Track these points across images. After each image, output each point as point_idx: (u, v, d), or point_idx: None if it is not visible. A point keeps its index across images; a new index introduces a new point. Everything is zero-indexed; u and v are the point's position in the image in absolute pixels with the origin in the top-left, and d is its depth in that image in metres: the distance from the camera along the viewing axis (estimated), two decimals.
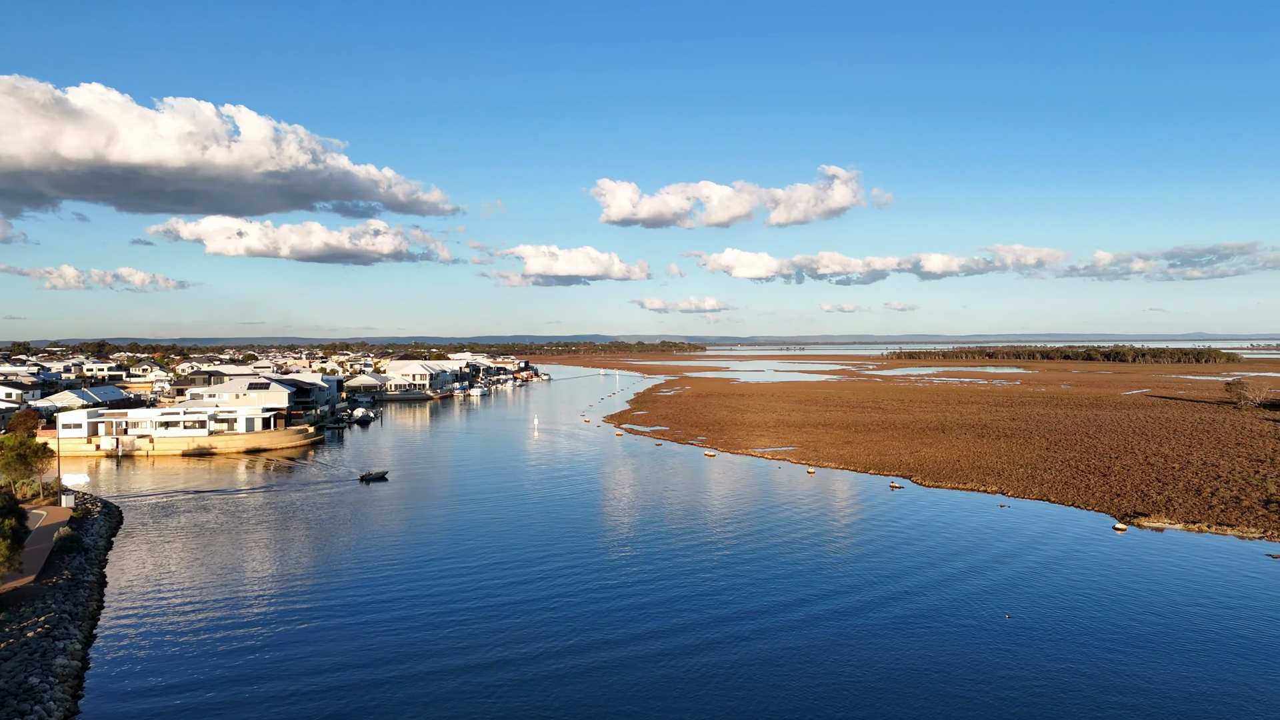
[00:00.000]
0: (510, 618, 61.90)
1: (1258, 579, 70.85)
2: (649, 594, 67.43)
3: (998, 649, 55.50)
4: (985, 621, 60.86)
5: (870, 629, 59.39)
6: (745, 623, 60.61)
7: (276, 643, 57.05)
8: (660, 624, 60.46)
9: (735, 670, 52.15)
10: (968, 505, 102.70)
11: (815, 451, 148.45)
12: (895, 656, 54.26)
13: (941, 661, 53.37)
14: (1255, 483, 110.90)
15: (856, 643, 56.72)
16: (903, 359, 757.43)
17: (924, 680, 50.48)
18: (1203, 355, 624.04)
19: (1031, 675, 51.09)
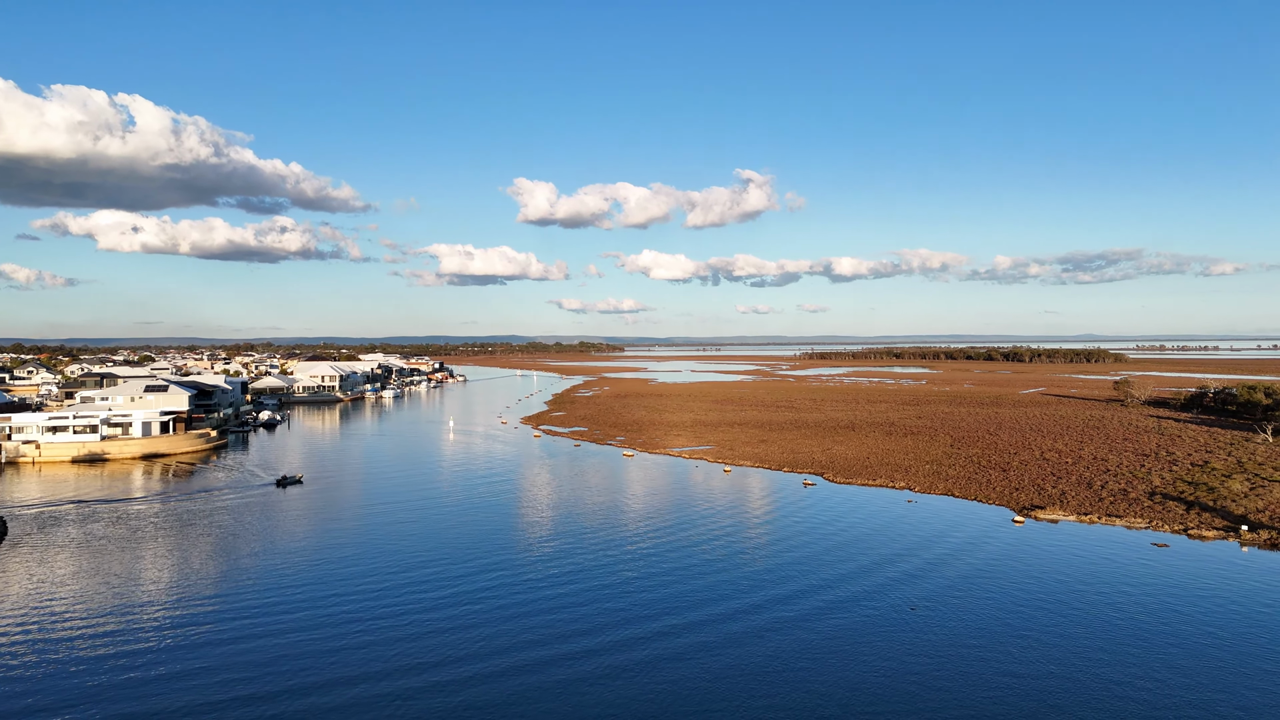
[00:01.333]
0: (432, 626, 60.72)
1: (1145, 565, 75.22)
2: (572, 597, 67.15)
3: (905, 639, 57.33)
4: (893, 613, 62.79)
5: (783, 622, 60.54)
6: (665, 620, 60.97)
7: (175, 660, 54.53)
8: (584, 625, 60.27)
9: (656, 669, 52.39)
10: (877, 501, 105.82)
11: (731, 450, 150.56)
12: (806, 649, 55.44)
13: (850, 652, 54.81)
14: (1141, 476, 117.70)
15: (769, 636, 57.73)
16: (815, 359, 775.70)
17: (833, 671, 51.74)
18: (1093, 355, 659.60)
19: (936, 663, 52.98)
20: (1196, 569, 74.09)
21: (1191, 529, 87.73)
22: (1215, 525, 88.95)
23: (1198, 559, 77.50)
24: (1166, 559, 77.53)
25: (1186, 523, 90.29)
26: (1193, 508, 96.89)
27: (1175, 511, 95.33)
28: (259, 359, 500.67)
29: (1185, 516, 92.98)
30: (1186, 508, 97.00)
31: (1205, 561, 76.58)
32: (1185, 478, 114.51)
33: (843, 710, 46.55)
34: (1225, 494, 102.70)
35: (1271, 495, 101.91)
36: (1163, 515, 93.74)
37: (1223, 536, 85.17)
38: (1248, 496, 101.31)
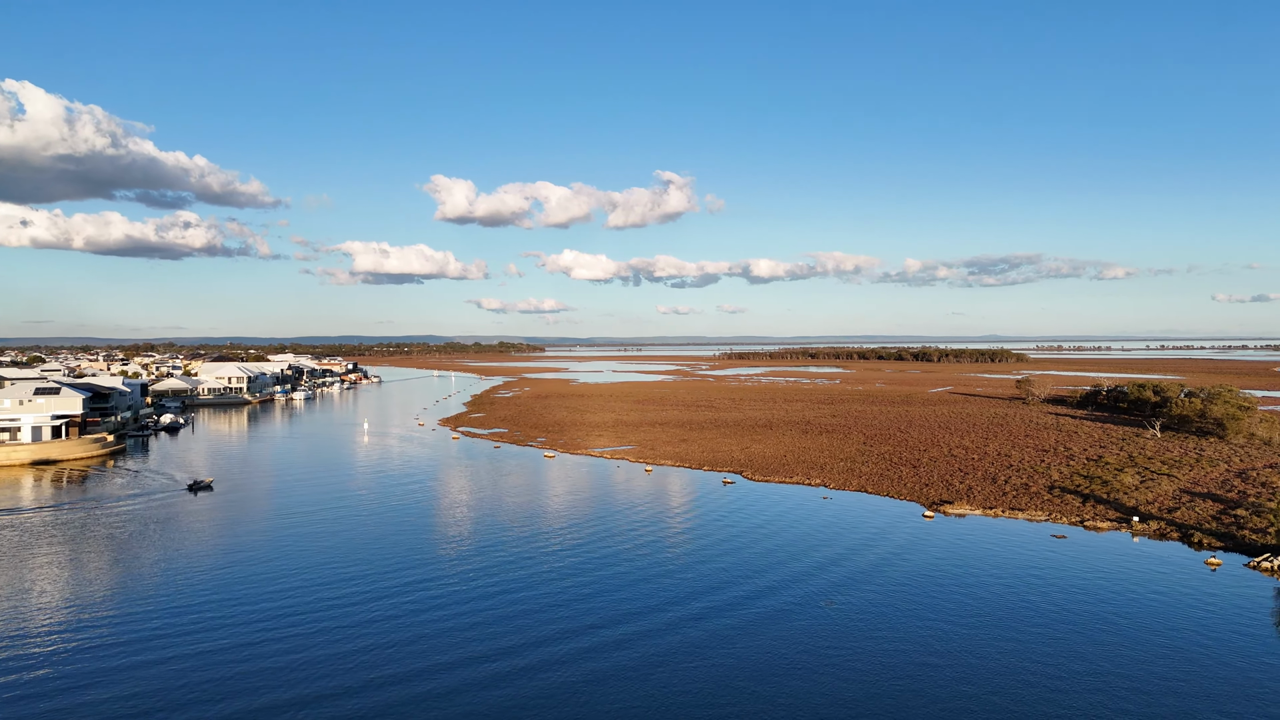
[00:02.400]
0: (353, 642, 59.11)
1: (1045, 556, 78.85)
2: (497, 606, 66.35)
3: (824, 634, 58.67)
4: (812, 608, 64.18)
5: (708, 621, 61.17)
6: (592, 626, 60.87)
7: (71, 682, 51.65)
8: (510, 636, 59.59)
9: (586, 674, 52.26)
10: (794, 498, 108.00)
11: (653, 450, 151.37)
12: (730, 647, 56.18)
13: (772, 648, 55.78)
14: (1041, 471, 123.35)
15: (694, 635, 58.26)
16: (733, 359, 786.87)
17: (756, 667, 52.59)
18: (997, 355, 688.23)
19: (853, 655, 54.40)
20: (1092, 559, 78.06)
21: (1088, 521, 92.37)
22: (1109, 517, 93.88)
23: (1093, 549, 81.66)
24: (1065, 550, 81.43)
25: (1083, 515, 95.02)
26: (1088, 500, 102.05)
27: (1072, 504, 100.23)
28: (160, 360, 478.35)
29: (1082, 509, 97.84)
30: (1083, 500, 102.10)
31: (1100, 551, 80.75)
32: (1081, 472, 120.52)
33: (767, 704, 47.33)
34: (1118, 487, 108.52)
35: (1160, 488, 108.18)
36: (1061, 508, 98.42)
37: (1116, 527, 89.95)
38: (1138, 489, 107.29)
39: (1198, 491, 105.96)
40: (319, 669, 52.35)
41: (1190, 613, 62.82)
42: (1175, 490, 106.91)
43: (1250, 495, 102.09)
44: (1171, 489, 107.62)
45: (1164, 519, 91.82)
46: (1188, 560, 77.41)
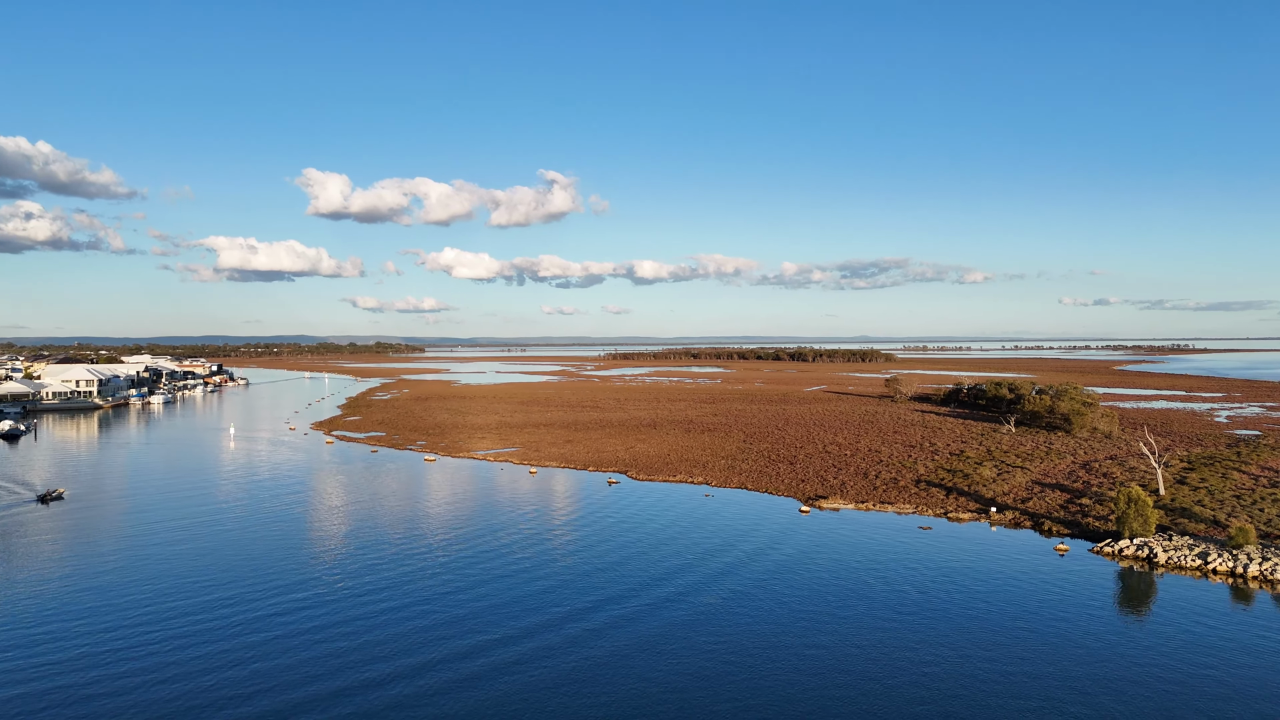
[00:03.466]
0: (223, 657, 55.84)
1: (912, 546, 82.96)
2: (376, 616, 64.13)
3: (709, 628, 59.71)
4: (695, 604, 65.22)
5: (596, 621, 61.17)
6: (478, 633, 59.78)
7: None
8: (392, 645, 57.75)
9: (471, 684, 51.24)
10: (677, 496, 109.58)
11: (537, 451, 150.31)
12: (617, 647, 56.38)
13: (659, 647, 56.34)
14: (909, 465, 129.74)
15: (584, 638, 58.15)
16: (618, 360, 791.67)
17: (644, 668, 53.00)
18: (867, 355, 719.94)
19: (736, 647, 55.62)
20: (955, 548, 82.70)
21: (950, 512, 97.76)
22: (970, 508, 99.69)
23: (955, 538, 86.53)
24: (930, 539, 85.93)
25: (946, 506, 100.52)
26: (951, 493, 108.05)
27: (937, 497, 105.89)
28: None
29: (945, 501, 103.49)
30: (946, 493, 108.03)
31: (962, 541, 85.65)
32: (945, 466, 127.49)
33: (656, 704, 47.73)
34: (978, 479, 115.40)
35: (1014, 480, 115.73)
36: (927, 500, 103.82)
37: (976, 518, 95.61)
38: (995, 481, 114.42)
39: (1048, 482, 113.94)
40: (182, 700, 49.25)
41: (1042, 596, 67.43)
42: (1028, 482, 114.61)
43: (1093, 485, 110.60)
44: (1025, 481, 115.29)
45: (1018, 509, 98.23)
46: (1039, 547, 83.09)
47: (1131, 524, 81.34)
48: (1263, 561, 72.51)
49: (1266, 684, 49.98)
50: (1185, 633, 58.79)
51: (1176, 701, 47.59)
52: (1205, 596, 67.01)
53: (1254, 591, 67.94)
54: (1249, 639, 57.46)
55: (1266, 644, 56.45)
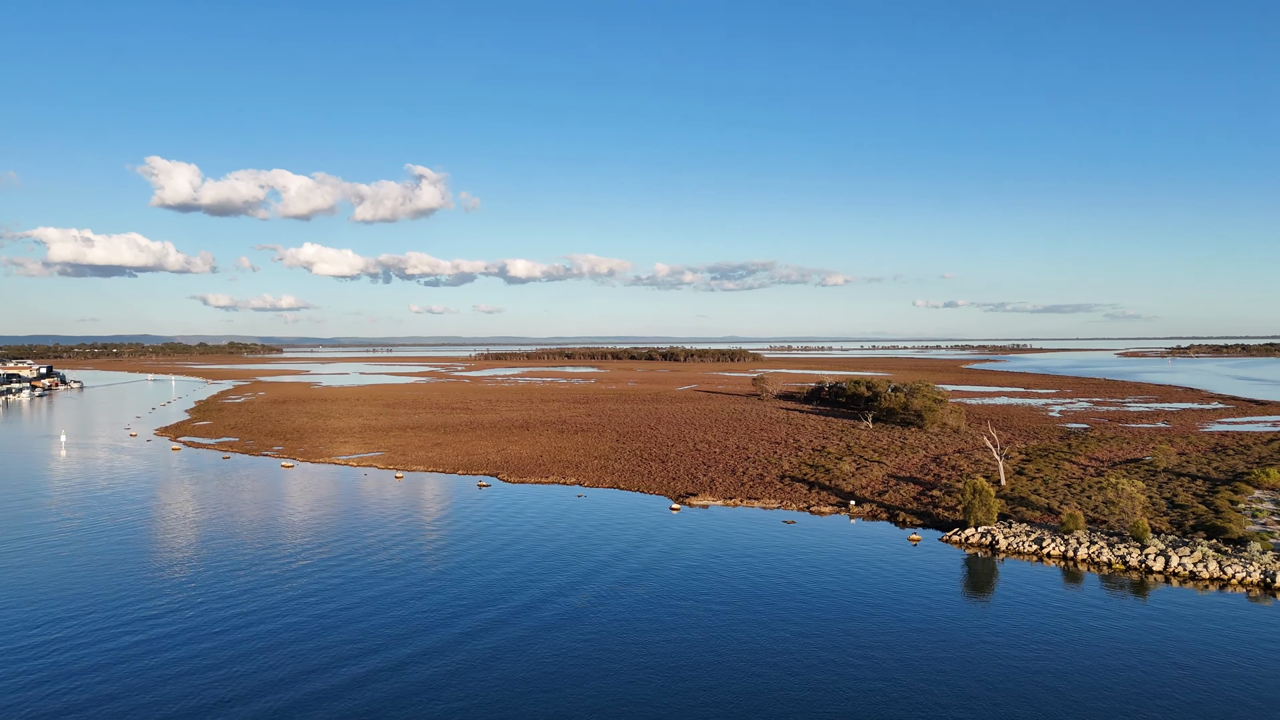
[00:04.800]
0: (61, 690, 50.84)
1: (777, 539, 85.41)
2: (234, 638, 60.14)
3: (585, 627, 59.32)
4: (565, 603, 64.71)
5: (456, 617, 59.67)
6: (346, 646, 57.09)
7: None
8: (250, 670, 54.24)
9: (342, 698, 48.77)
10: (550, 497, 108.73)
11: (404, 455, 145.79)
12: (491, 653, 55.16)
13: (531, 651, 55.51)
14: (774, 461, 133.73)
15: (454, 646, 56.59)
16: (490, 360, 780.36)
17: (515, 672, 52.07)
18: (736, 355, 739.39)
19: (613, 644, 55.49)
20: (816, 539, 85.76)
21: (813, 506, 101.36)
22: (831, 501, 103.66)
23: (817, 531, 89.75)
24: (794, 532, 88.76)
25: (809, 501, 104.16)
26: (814, 487, 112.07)
27: (800, 491, 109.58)
28: None
29: (808, 495, 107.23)
30: (809, 488, 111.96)
31: (823, 533, 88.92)
32: (808, 462, 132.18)
33: (524, 705, 46.88)
34: (838, 474, 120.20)
35: (872, 474, 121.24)
36: (791, 495, 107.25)
37: (837, 511, 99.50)
38: (855, 475, 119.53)
39: (902, 476, 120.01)
40: None
41: (896, 582, 70.82)
42: (884, 475, 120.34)
43: (943, 478, 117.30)
44: (881, 474, 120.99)
45: (876, 502, 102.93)
46: (895, 537, 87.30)
47: (976, 513, 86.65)
48: (1090, 545, 78.77)
49: (1094, 654, 54.19)
50: (1022, 613, 63.04)
51: (1017, 673, 50.87)
52: (1040, 578, 72.15)
53: (1083, 573, 73.69)
54: (1080, 616, 62.19)
55: (1095, 620, 61.26)
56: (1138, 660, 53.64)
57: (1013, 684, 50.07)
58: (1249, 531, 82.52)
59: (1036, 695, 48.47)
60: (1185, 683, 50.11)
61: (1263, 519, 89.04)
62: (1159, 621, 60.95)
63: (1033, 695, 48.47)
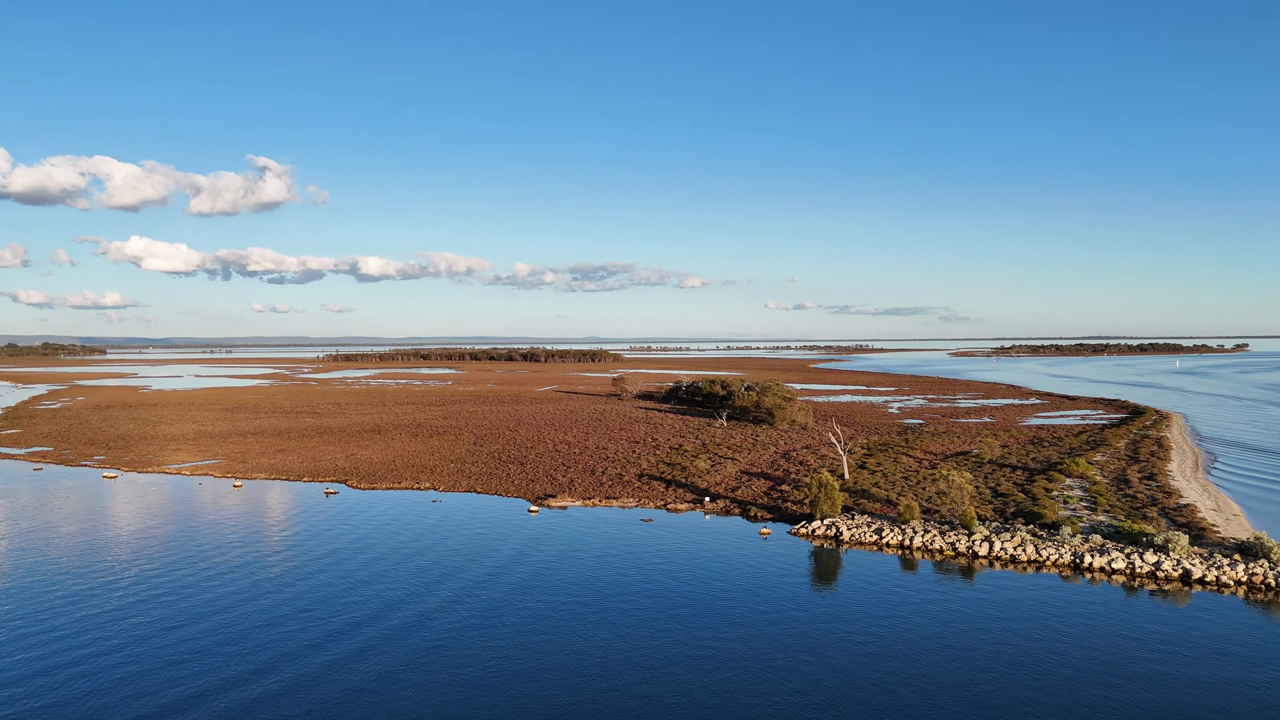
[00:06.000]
0: None
1: (634, 537, 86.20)
2: (48, 680, 54.56)
3: (442, 635, 57.65)
4: (417, 609, 62.77)
5: (298, 632, 56.73)
6: (172, 670, 52.88)
7: None
8: (74, 715, 49.34)
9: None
10: (403, 503, 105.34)
11: (244, 463, 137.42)
12: (330, 657, 52.67)
13: (370, 655, 53.44)
14: (633, 460, 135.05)
15: (291, 650, 53.65)
16: (340, 361, 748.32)
17: (349, 673, 49.97)
18: (597, 355, 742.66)
19: (460, 651, 54.22)
20: (672, 536, 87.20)
21: (670, 503, 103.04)
22: (687, 498, 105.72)
23: (673, 527, 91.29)
24: (651, 530, 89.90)
25: (666, 498, 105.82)
26: (671, 485, 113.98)
27: (658, 490, 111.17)
28: None
29: (665, 493, 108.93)
30: (666, 485, 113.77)
31: (679, 529, 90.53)
32: (666, 460, 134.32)
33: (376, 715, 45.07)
34: (694, 471, 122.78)
35: (726, 470, 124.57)
36: (649, 494, 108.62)
37: (692, 508, 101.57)
38: (710, 472, 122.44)
39: (754, 472, 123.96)
40: None
41: (748, 575, 72.99)
42: (737, 472, 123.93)
43: (792, 473, 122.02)
44: (735, 471, 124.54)
45: (729, 497, 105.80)
46: (747, 531, 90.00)
47: (822, 506, 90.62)
48: (924, 534, 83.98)
49: (929, 635, 57.74)
50: (864, 600, 66.41)
51: (863, 657, 53.49)
52: (880, 566, 76.27)
53: (918, 560, 78.45)
54: (915, 600, 66.12)
55: (929, 604, 65.29)
56: (968, 640, 57.56)
57: (859, 668, 52.60)
58: (1061, 517, 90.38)
59: (881, 679, 51.13)
60: (1007, 657, 54.20)
61: (1073, 505, 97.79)
62: (985, 602, 65.68)
63: (878, 679, 51.09)
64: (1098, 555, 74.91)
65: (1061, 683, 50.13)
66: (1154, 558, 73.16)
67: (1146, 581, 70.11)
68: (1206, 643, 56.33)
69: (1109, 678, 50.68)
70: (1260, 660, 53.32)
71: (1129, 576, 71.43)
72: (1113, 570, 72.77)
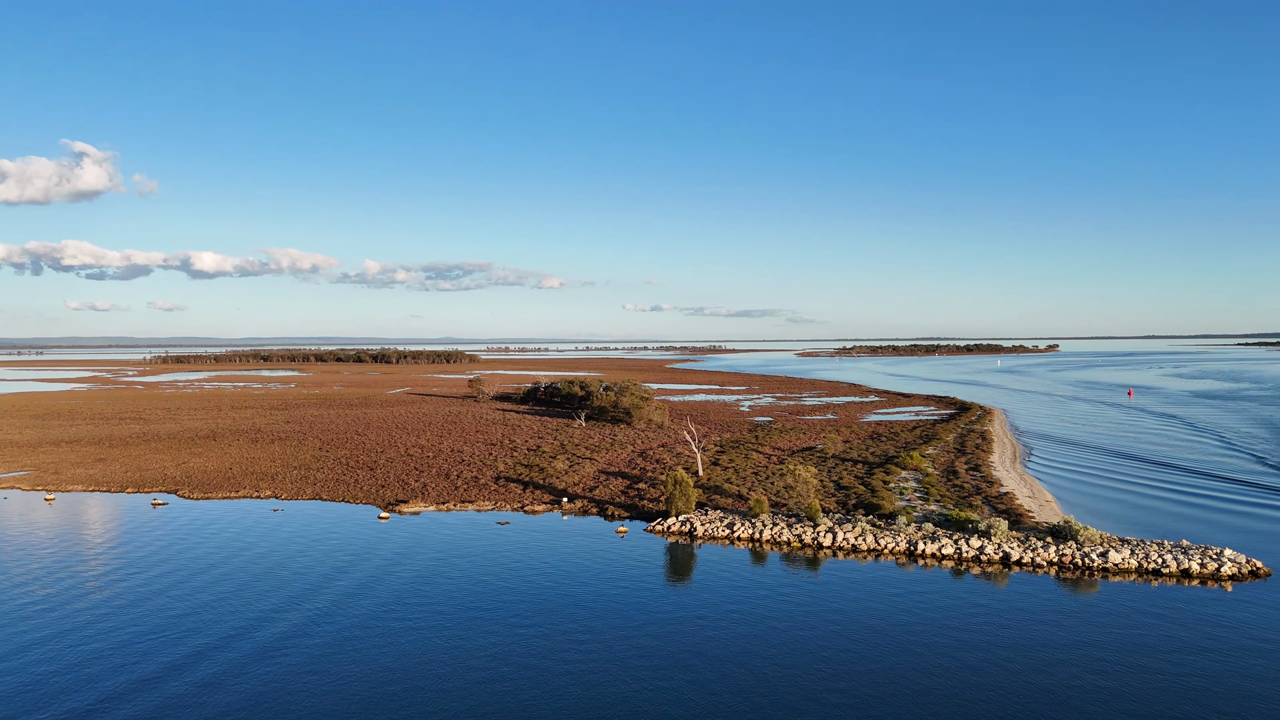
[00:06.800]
0: None
1: (491, 540, 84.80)
2: None
3: (292, 655, 54.53)
4: (263, 630, 59.24)
5: (138, 658, 52.28)
6: None
7: None
8: None
9: None
10: (241, 513, 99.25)
11: (57, 474, 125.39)
12: (170, 690, 48.80)
13: (213, 685, 49.99)
14: (489, 463, 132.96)
15: (123, 684, 49.28)
16: (170, 363, 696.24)
17: (184, 701, 46.58)
18: (452, 356, 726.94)
19: (305, 669, 51.56)
20: (530, 538, 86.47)
21: (527, 505, 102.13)
22: (544, 500, 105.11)
23: (530, 529, 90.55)
24: (508, 533, 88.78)
25: (524, 500, 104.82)
26: (529, 487, 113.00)
27: (515, 492, 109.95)
28: None
29: (523, 495, 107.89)
30: (524, 487, 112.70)
31: (536, 531, 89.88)
32: (523, 461, 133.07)
33: None
34: (552, 472, 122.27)
35: (584, 470, 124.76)
36: (505, 496, 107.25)
37: (550, 508, 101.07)
38: (568, 473, 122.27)
39: (612, 471, 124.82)
40: None
41: (604, 573, 73.31)
42: (595, 471, 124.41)
43: (648, 471, 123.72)
44: (592, 470, 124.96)
45: (587, 497, 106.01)
46: (604, 530, 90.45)
47: (677, 503, 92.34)
48: (773, 527, 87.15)
49: (777, 625, 59.89)
50: (716, 592, 68.11)
51: (713, 648, 54.80)
52: (732, 560, 78.52)
53: (767, 553, 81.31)
54: (764, 591, 68.44)
55: (777, 595, 67.74)
56: (815, 623, 60.10)
57: (709, 660, 53.82)
58: (898, 507, 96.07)
59: (728, 669, 52.52)
60: (845, 646, 56.96)
61: (908, 495, 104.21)
62: (829, 589, 68.84)
63: (726, 670, 52.45)
64: (930, 542, 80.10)
65: (901, 660, 53.20)
66: (978, 543, 78.98)
67: (972, 565, 75.60)
68: (1024, 616, 61.33)
69: (941, 654, 54.22)
70: (1069, 628, 58.53)
71: (957, 561, 76.79)
72: (943, 556, 78.02)
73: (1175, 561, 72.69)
